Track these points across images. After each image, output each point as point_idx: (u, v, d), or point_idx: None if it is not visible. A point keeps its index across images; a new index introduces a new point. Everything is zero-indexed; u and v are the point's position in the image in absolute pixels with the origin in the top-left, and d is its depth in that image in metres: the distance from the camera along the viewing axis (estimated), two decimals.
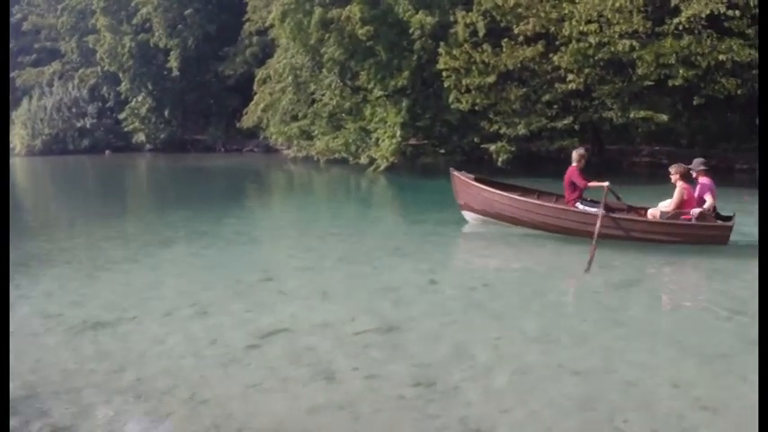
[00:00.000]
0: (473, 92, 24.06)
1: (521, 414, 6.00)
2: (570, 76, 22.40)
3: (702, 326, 8.31)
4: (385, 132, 27.86)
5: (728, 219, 12.65)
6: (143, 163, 48.22)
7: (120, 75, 55.30)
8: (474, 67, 23.80)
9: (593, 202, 13.50)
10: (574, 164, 13.80)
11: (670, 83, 21.44)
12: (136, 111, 55.71)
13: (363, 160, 28.89)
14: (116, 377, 7.15)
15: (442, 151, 29.32)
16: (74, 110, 60.91)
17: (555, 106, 23.90)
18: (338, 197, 20.17)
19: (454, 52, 24.09)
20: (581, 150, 14.27)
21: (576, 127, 23.86)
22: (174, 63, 50.55)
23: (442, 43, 24.92)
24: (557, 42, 22.73)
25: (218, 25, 50.35)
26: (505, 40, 23.39)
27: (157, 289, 10.93)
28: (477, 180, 14.85)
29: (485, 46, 23.65)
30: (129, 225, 19.20)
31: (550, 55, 22.80)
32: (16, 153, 64.28)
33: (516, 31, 23.29)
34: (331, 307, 9.55)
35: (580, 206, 13.44)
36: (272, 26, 36.34)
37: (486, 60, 23.51)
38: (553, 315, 8.94)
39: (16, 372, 7.47)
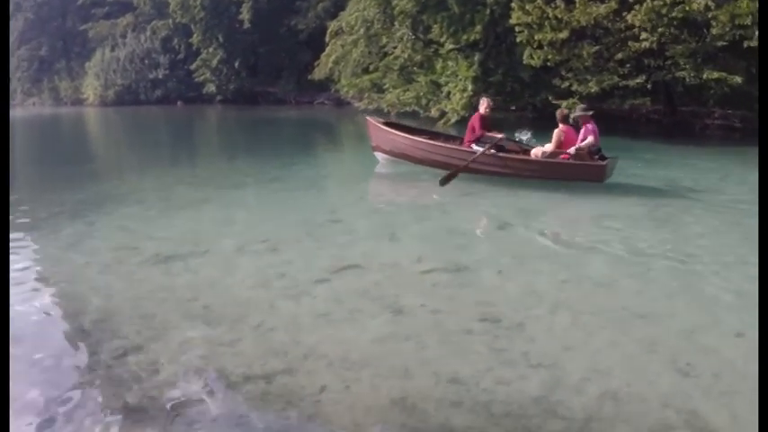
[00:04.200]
0: (545, 48, 23.71)
1: (584, 352, 6.03)
2: (643, 35, 21.86)
3: None
4: (456, 86, 27.67)
5: (606, 159, 13.63)
6: (214, 114, 48.84)
7: (192, 26, 55.81)
8: (547, 23, 23.43)
9: (498, 146, 14.43)
10: (480, 110, 15.10)
11: (745, 44, 20.70)
12: (207, 62, 56.32)
13: (434, 113, 28.76)
14: (187, 305, 7.35)
15: (513, 108, 28.98)
16: (146, 61, 61.95)
17: (627, 65, 23.35)
18: None
19: (527, 7, 23.73)
20: (488, 100, 15.59)
21: (649, 86, 23.33)
22: (245, 15, 50.85)
23: None
24: (630, 0, 22.15)
25: None
26: None
27: (228, 227, 11.19)
28: (385, 124, 16.84)
29: (558, 1, 23.26)
30: (200, 170, 19.54)
31: (624, 13, 22.28)
32: (89, 103, 65.62)
33: None
34: (399, 247, 9.68)
35: (474, 147, 14.62)
36: None
37: (559, 16, 23.11)
38: (618, 259, 8.88)
39: (89, 299, 7.71)
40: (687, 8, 20.86)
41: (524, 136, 15.00)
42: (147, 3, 63.82)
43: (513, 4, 24.27)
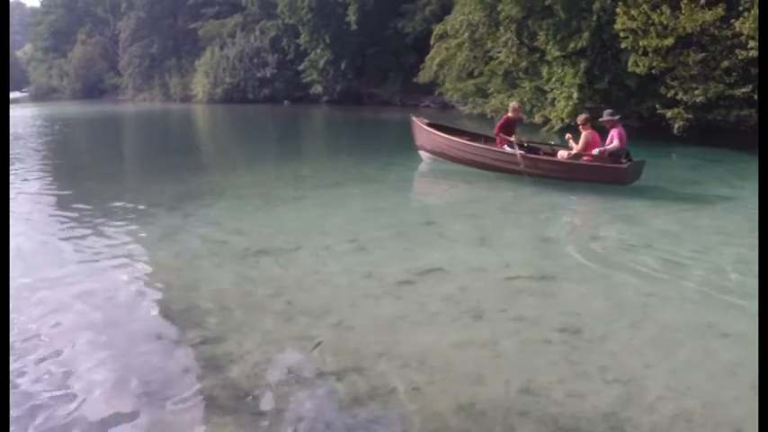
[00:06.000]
0: (650, 54, 23.19)
1: (663, 369, 5.90)
2: (751, 43, 21.09)
3: None
4: (561, 93, 27.26)
5: (630, 161, 14.22)
6: (320, 114, 49.38)
7: (300, 27, 56.35)
8: (652, 29, 22.90)
9: (530, 148, 15.84)
10: (509, 114, 16.38)
11: None
12: (314, 63, 56.71)
13: (538, 119, 28.42)
14: (270, 300, 7.54)
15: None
16: (255, 60, 62.85)
17: (734, 73, 22.63)
18: None
19: (632, 12, 23.25)
20: (515, 104, 17.26)
21: (755, 97, 22.56)
22: (352, 17, 51.04)
23: (620, 3, 24.05)
24: (739, 8, 21.48)
25: None
26: (685, 1, 22.33)
27: (321, 225, 11.39)
28: (428, 125, 17.82)
29: (663, 7, 22.67)
30: (301, 167, 19.79)
31: (731, 20, 21.61)
32: (197, 100, 67.24)
33: None
34: (488, 252, 9.65)
35: (506, 148, 15.58)
36: None
37: (665, 22, 22.53)
38: (708, 274, 8.54)
39: (176, 288, 8.00)
40: None
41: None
42: (256, 3, 64.73)
43: (617, 10, 23.85)
